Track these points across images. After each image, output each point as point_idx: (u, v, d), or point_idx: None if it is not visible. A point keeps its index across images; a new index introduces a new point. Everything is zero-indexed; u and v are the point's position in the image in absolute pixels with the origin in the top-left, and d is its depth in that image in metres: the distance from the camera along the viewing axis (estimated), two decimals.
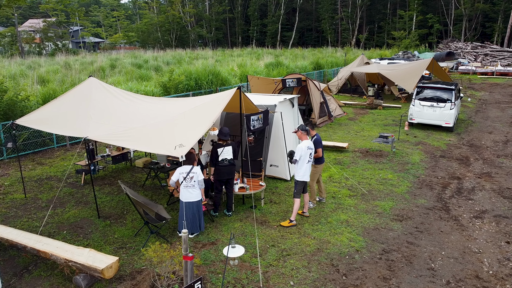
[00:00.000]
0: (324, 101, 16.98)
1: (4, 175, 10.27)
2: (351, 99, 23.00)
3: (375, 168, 11.09)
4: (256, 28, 70.30)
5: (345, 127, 16.18)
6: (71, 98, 8.93)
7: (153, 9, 64.86)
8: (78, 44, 58.00)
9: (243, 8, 72.50)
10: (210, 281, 5.91)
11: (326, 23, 66.61)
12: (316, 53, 47.61)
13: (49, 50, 52.13)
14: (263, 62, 28.57)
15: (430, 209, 8.56)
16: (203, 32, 64.61)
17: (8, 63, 31.69)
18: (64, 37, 48.44)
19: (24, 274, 6.16)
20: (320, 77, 29.96)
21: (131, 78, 21.19)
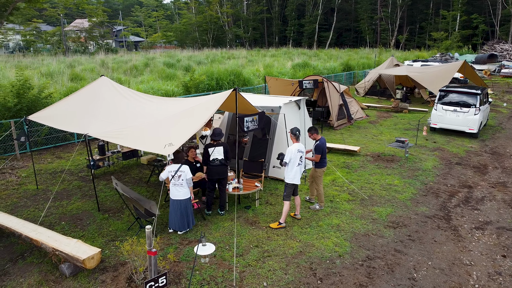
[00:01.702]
0: (344, 104, 16.77)
1: (23, 167, 10.96)
2: (377, 102, 22.54)
3: (383, 173, 10.88)
4: (293, 28, 70.07)
5: (364, 130, 15.91)
6: (82, 96, 9.40)
7: (192, 9, 66.16)
8: (120, 43, 60.27)
9: (280, 8, 72.48)
10: (186, 277, 6.08)
11: (365, 24, 65.36)
12: (352, 54, 46.89)
13: (93, 49, 54.56)
14: (290, 63, 28.45)
15: (430, 217, 8.32)
16: (240, 32, 65.21)
17: (51, 61, 33.45)
18: (106, 36, 50.45)
19: (18, 260, 6.60)
20: (350, 78, 29.53)
21: (159, 77, 21.82)
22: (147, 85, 16.84)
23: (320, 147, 8.16)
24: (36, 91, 12.35)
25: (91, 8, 49.78)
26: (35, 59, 35.82)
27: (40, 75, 21.74)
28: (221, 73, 18.75)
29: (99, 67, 28.80)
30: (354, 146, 13.03)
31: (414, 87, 24.31)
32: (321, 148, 8.16)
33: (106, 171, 10.75)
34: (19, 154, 11.11)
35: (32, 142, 12.14)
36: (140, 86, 16.45)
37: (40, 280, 6.03)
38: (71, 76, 22.16)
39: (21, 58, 36.84)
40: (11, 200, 8.93)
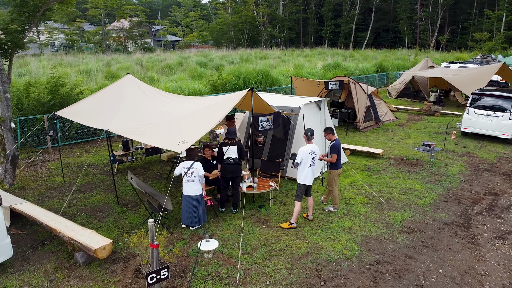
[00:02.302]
0: (371, 105, 16.50)
1: (53, 160, 11.54)
2: (409, 104, 21.98)
3: (404, 177, 10.64)
4: (329, 28, 69.35)
5: (391, 133, 15.58)
6: (107, 93, 9.78)
7: (228, 9, 66.87)
8: (158, 42, 61.88)
9: (317, 7, 71.90)
10: (192, 271, 6.24)
11: (404, 24, 63.71)
12: (389, 55, 45.88)
13: (132, 48, 56.30)
14: (321, 64, 28.21)
15: (448, 224, 8.08)
16: (275, 32, 65.26)
17: (91, 59, 34.82)
18: (144, 36, 51.93)
19: (39, 247, 6.99)
20: (383, 80, 28.94)
21: (190, 76, 22.26)
22: (175, 83, 17.24)
23: (336, 147, 8.12)
24: (69, 88, 12.96)
25: (130, 8, 51.35)
26: (77, 57, 37.40)
27: (78, 73, 22.73)
28: (249, 72, 18.89)
29: (135, 66, 29.68)
30: (378, 148, 12.80)
31: (450, 90, 23.51)
32: (337, 148, 8.11)
33: (130, 166, 11.13)
34: (50, 148, 11.70)
35: (64, 137, 12.75)
36: (169, 85, 16.86)
37: (55, 267, 6.37)
38: (106, 74, 23.02)
39: (63, 56, 38.60)
40: (39, 190, 9.44)
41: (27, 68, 22.74)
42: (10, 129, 9.15)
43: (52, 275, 6.16)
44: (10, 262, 6.50)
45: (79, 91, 13.28)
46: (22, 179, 9.94)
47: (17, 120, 11.69)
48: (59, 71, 22.70)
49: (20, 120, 11.81)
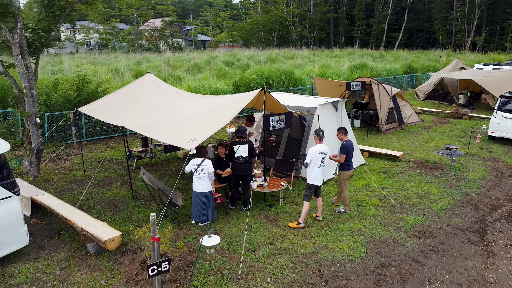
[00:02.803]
0: (395, 107, 16.21)
1: (77, 154, 12.01)
2: (437, 107, 21.42)
3: (422, 181, 10.43)
4: (361, 28, 68.26)
5: (414, 135, 15.26)
6: (126, 91, 10.11)
7: (259, 9, 67.06)
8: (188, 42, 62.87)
9: (348, 7, 70.94)
10: (196, 266, 6.38)
11: (438, 24, 61.86)
12: (421, 56, 44.74)
13: (164, 47, 57.45)
14: (347, 64, 27.88)
15: (462, 230, 7.88)
16: (305, 32, 64.90)
17: (122, 58, 35.81)
18: (175, 35, 52.88)
19: (54, 237, 7.33)
20: (412, 81, 28.30)
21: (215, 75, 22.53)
22: (198, 82, 17.53)
23: (346, 148, 8.07)
24: (94, 85, 13.45)
25: (163, 8, 52.43)
26: (109, 56, 38.54)
27: (108, 71, 23.46)
28: (272, 72, 18.94)
29: (163, 65, 30.31)
30: (397, 151, 12.59)
31: (481, 93, 22.73)
32: (347, 149, 8.07)
33: (148, 163, 11.44)
34: (75, 143, 12.17)
35: (88, 132, 13.25)
36: (192, 84, 17.17)
37: (68, 256, 6.67)
38: (134, 72, 23.62)
39: (97, 55, 39.87)
40: (61, 183, 9.87)
41: (60, 66, 23.65)
42: (36, 124, 9.60)
43: (64, 264, 6.46)
44: (27, 249, 6.86)
45: (104, 88, 13.75)
46: (46, 172, 10.41)
47: (44, 115, 12.25)
48: (90, 69, 23.58)
49: (47, 116, 12.37)
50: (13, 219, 6.29)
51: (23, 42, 9.03)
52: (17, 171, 10.04)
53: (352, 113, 16.93)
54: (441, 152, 12.84)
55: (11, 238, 6.28)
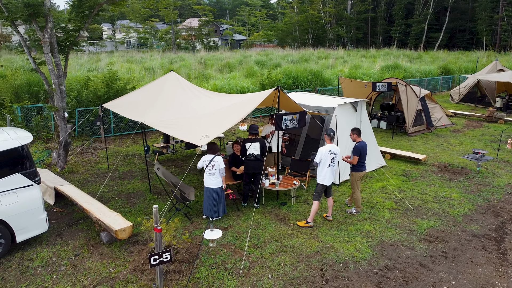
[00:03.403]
0: (423, 109, 15.81)
1: (104, 148, 12.54)
2: (472, 110, 20.66)
3: (443, 185, 10.16)
4: (400, 28, 66.58)
5: (442, 138, 14.83)
6: (149, 88, 10.46)
7: (294, 8, 66.84)
8: (223, 41, 63.65)
9: (387, 7, 69.38)
10: (200, 259, 6.57)
11: (482, 24, 59.34)
12: (462, 56, 43.15)
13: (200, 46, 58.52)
14: (379, 65, 27.34)
15: (478, 236, 7.64)
16: (341, 32, 64.07)
17: (158, 57, 36.79)
18: (210, 35, 53.72)
19: (73, 225, 7.75)
20: (448, 83, 27.40)
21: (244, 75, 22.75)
22: (225, 81, 17.80)
23: (358, 149, 8.02)
24: (123, 83, 13.99)
25: (199, 8, 53.38)
26: (145, 55, 39.69)
27: (142, 69, 24.24)
28: (299, 72, 18.92)
29: (196, 64, 30.91)
30: (421, 154, 12.30)
31: None
32: (359, 150, 8.01)
33: (169, 158, 11.78)
34: (104, 137, 12.71)
35: (116, 128, 13.79)
36: (218, 82, 17.46)
37: (83, 244, 7.04)
38: (167, 71, 24.20)
39: (134, 53, 41.18)
40: (85, 175, 10.37)
41: (97, 64, 24.66)
42: (64, 118, 10.14)
43: (78, 250, 6.83)
44: (47, 235, 7.30)
45: (132, 86, 14.27)
46: (73, 164, 10.96)
47: (75, 110, 12.88)
48: (126, 67, 24.44)
49: (78, 111, 12.99)
50: (33, 206, 6.72)
51: (53, 41, 9.56)
52: (47, 163, 10.65)
53: (379, 114, 16.65)
54: (467, 156, 12.40)
55: (31, 224, 6.71)
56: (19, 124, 11.92)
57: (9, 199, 6.45)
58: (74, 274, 6.16)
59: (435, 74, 26.82)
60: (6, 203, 6.41)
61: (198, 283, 5.96)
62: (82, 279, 6.04)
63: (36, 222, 6.78)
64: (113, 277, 6.08)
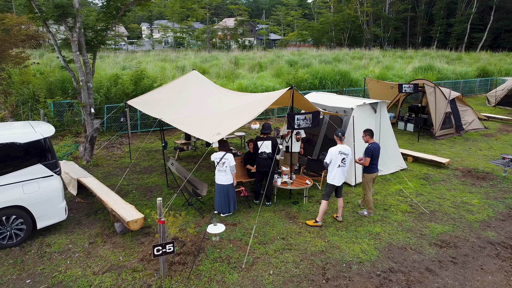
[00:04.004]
0: (453, 112, 15.34)
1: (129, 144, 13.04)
2: (509, 114, 19.77)
3: (464, 190, 9.87)
4: (440, 28, 64.40)
5: (471, 143, 14.34)
6: (170, 86, 10.81)
7: (331, 8, 66.17)
8: (258, 41, 63.98)
9: (427, 6, 67.26)
10: (206, 252, 6.77)
11: None
12: (506, 58, 41.23)
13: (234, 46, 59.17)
14: (411, 66, 26.64)
15: (493, 244, 7.41)
16: (378, 32, 62.78)
17: (191, 56, 37.53)
18: (245, 34, 54.17)
19: (91, 215, 8.17)
20: (486, 85, 26.31)
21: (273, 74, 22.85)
22: (251, 81, 17.97)
23: (370, 151, 7.96)
24: (150, 81, 14.47)
25: (234, 7, 53.96)
26: (181, 54, 40.61)
27: (174, 68, 24.84)
28: (327, 72, 18.80)
29: (228, 63, 31.28)
30: (445, 158, 11.98)
31: None
32: (371, 152, 7.95)
33: (190, 155, 12.09)
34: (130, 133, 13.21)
35: (142, 124, 14.29)
36: (243, 81, 17.66)
37: (97, 233, 7.42)
38: (198, 69, 24.69)
39: (169, 52, 42.19)
40: (108, 169, 10.85)
41: (131, 63, 25.50)
42: (90, 114, 10.65)
43: (93, 239, 7.20)
44: (66, 223, 7.74)
45: (159, 84, 14.71)
46: (98, 158, 11.48)
47: (104, 107, 13.46)
48: (159, 65, 25.12)
49: (106, 107, 13.57)
50: (53, 195, 7.14)
51: (81, 40, 10.06)
52: (74, 156, 11.22)
53: (406, 116, 16.31)
54: (494, 161, 11.95)
55: (51, 212, 7.14)
56: (51, 119, 12.61)
57: (31, 188, 6.89)
58: (86, 261, 6.52)
59: (472, 76, 25.84)
60: (28, 191, 6.86)
61: (201, 275, 6.16)
62: (93, 266, 6.38)
63: (55, 210, 7.20)
64: (121, 265, 6.39)
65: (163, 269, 5.97)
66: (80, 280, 6.00)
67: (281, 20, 69.09)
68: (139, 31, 67.48)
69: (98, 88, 13.72)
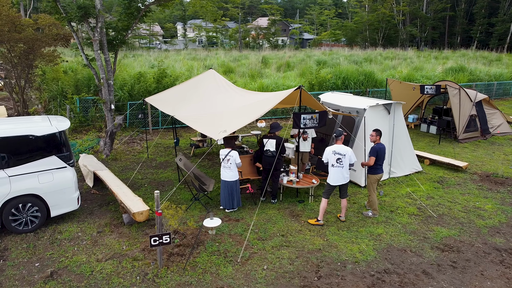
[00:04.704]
0: (478, 115, 14.87)
1: (149, 139, 13.51)
2: None
3: (479, 195, 9.62)
4: (481, 28, 61.92)
5: (496, 147, 13.87)
6: (187, 85, 11.12)
7: (365, 7, 65.06)
8: (290, 40, 63.87)
9: (467, 5, 64.81)
10: (205, 245, 7.00)
11: None
12: None
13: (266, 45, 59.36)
14: (441, 67, 25.85)
15: (499, 250, 7.22)
16: (414, 32, 61.13)
17: (222, 55, 38.03)
18: (277, 34, 54.25)
19: (103, 206, 8.59)
20: None
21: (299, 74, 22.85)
22: (271, 80, 18.10)
23: (375, 150, 7.94)
24: (172, 79, 14.91)
25: (267, 7, 54.15)
26: (211, 53, 41.21)
27: (201, 67, 25.31)
28: (350, 72, 18.64)
29: (256, 62, 31.50)
30: (464, 161, 11.67)
31: None
32: (375, 151, 7.92)
33: (205, 152, 12.39)
34: (151, 130, 13.70)
35: (164, 121, 14.74)
36: (264, 80, 17.82)
37: (106, 223, 7.81)
38: (225, 69, 25.12)
39: (200, 51, 42.89)
40: (126, 163, 11.31)
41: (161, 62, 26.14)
42: (111, 110, 11.14)
43: (101, 228, 7.60)
44: (79, 213, 8.19)
45: (181, 82, 15.11)
46: (118, 152, 11.99)
47: (127, 104, 14.00)
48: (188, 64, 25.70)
49: (129, 104, 14.11)
50: (66, 185, 7.59)
51: (103, 39, 10.55)
52: (95, 150, 11.77)
53: (429, 118, 15.94)
54: None
55: (64, 201, 7.59)
56: (77, 114, 13.28)
57: (46, 178, 7.36)
58: (92, 248, 6.90)
59: (507, 78, 24.79)
60: (43, 181, 7.33)
61: (196, 266, 6.39)
62: (97, 253, 6.75)
63: (68, 200, 7.65)
64: (123, 254, 6.72)
65: (160, 259, 6.25)
66: (83, 265, 6.37)
67: (314, 20, 68.59)
68: (174, 31, 68.93)
69: (122, 85, 14.29)
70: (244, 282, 6.06)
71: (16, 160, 7.12)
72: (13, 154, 7.10)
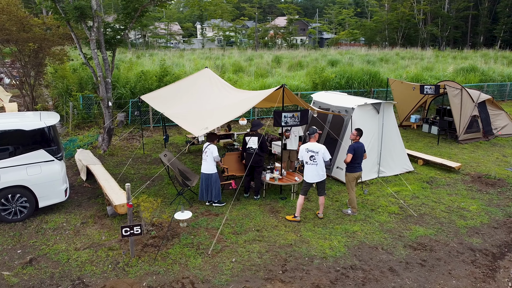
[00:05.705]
0: (481, 115, 14.65)
1: (149, 136, 13.89)
2: None
3: (467, 196, 9.56)
4: (505, 27, 60.23)
5: (497, 148, 13.65)
6: (182, 83, 11.42)
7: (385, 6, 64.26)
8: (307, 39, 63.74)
9: (491, 4, 63.12)
10: (179, 237, 7.25)
11: None
12: None
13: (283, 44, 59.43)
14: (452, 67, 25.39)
15: (474, 250, 7.21)
16: (435, 31, 59.99)
17: (235, 54, 38.33)
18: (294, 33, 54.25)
19: (92, 199, 8.97)
20: None
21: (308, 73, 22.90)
22: (275, 79, 18.24)
23: (352, 148, 8.03)
24: (173, 78, 15.26)
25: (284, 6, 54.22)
26: (226, 52, 41.63)
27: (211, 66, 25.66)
28: (355, 72, 18.59)
29: (270, 62, 31.61)
30: (458, 162, 11.57)
31: None
32: (353, 149, 8.02)
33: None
34: (152, 127, 14.08)
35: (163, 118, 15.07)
36: (268, 80, 17.98)
37: (92, 215, 8.17)
38: (235, 68, 25.42)
39: (216, 51, 43.38)
40: (121, 158, 11.70)
41: (173, 60, 26.67)
42: (108, 107, 11.54)
43: (85, 219, 7.95)
44: (68, 205, 8.58)
45: None
46: (115, 148, 12.40)
47: (129, 101, 14.43)
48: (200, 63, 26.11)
49: (131, 102, 14.53)
50: (54, 178, 7.98)
51: (100, 39, 10.94)
52: (94, 145, 12.21)
53: (431, 118, 15.79)
54: (511, 168, 11.38)
55: (51, 193, 7.98)
56: (80, 111, 13.79)
57: (34, 170, 7.76)
58: (73, 238, 7.26)
59: None
60: (31, 173, 7.73)
61: (167, 257, 6.65)
62: (77, 243, 7.09)
63: (56, 192, 8.04)
64: (101, 244, 7.05)
65: (132, 249, 6.53)
66: (61, 253, 6.72)
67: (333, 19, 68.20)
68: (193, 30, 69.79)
69: (125, 83, 14.73)
70: (211, 273, 6.27)
71: (6, 153, 7.54)
72: (2, 147, 7.52)
